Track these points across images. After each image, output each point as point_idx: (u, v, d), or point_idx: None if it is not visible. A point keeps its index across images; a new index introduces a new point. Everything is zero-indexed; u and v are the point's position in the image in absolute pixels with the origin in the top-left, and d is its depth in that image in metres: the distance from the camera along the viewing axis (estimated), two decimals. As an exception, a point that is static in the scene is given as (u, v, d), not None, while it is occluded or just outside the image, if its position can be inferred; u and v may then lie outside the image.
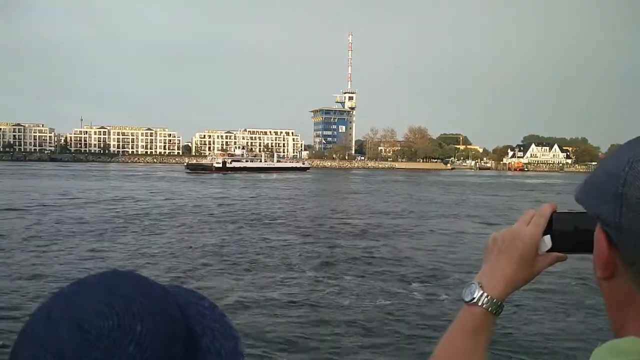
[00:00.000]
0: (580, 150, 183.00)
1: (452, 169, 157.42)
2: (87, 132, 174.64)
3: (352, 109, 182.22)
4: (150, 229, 19.57)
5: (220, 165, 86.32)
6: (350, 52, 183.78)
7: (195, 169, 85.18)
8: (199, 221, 22.30)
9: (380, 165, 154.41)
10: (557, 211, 0.89)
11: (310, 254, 15.14)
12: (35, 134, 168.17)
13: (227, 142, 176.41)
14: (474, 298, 0.89)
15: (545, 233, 0.88)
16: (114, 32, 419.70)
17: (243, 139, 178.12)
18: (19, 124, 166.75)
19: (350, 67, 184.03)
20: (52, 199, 30.48)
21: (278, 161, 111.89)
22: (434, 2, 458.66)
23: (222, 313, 0.68)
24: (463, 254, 15.54)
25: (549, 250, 0.88)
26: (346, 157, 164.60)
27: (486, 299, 0.89)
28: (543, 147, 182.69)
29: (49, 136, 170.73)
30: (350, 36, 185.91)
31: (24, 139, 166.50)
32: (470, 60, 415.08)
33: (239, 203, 31.59)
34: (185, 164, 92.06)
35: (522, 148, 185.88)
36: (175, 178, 65.07)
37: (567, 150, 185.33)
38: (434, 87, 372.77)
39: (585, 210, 0.70)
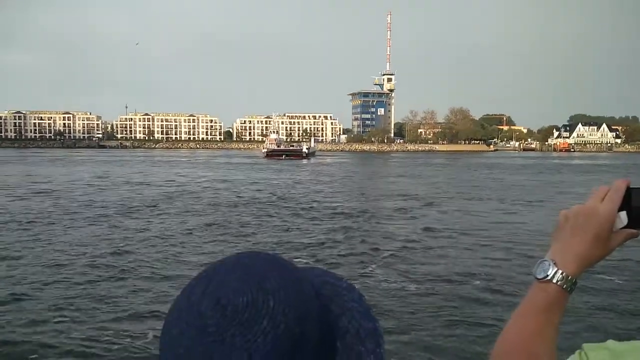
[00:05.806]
0: (630, 129, 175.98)
1: (495, 150, 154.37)
2: (132, 119, 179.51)
3: (391, 91, 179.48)
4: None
5: (307, 151, 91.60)
6: (389, 32, 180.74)
7: (281, 154, 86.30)
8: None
9: (420, 148, 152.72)
10: (632, 186, 0.87)
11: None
12: (83, 122, 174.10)
13: (267, 127, 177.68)
14: (547, 275, 0.87)
15: (619, 209, 0.86)
16: (157, 24, 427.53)
17: (282, 123, 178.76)
18: (68, 112, 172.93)
19: (389, 47, 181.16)
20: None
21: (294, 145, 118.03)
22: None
23: (360, 294, 0.67)
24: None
25: (624, 227, 0.87)
26: (385, 141, 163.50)
27: (561, 276, 0.87)
28: (590, 127, 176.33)
29: (97, 124, 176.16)
30: (389, 16, 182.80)
31: (73, 126, 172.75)
32: (514, 39, 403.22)
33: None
34: (265, 150, 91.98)
35: (568, 128, 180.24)
36: (296, 165, 64.86)
37: (616, 130, 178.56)
38: (476, 66, 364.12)
39: None
